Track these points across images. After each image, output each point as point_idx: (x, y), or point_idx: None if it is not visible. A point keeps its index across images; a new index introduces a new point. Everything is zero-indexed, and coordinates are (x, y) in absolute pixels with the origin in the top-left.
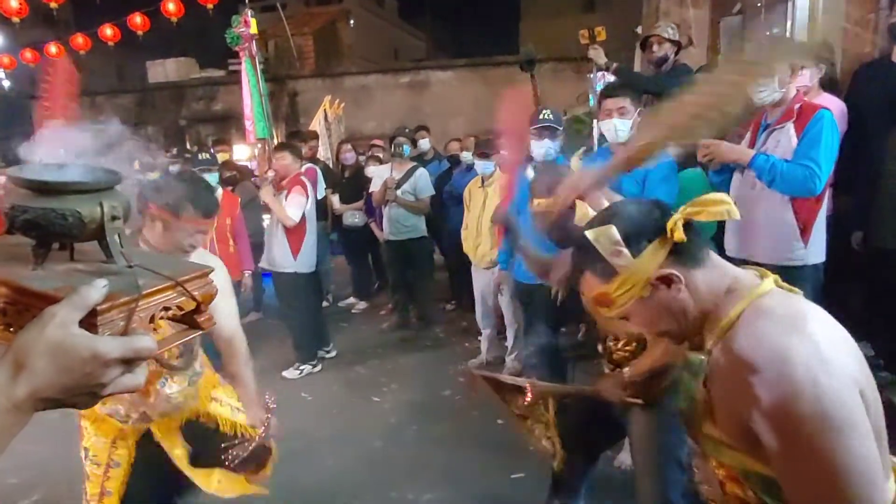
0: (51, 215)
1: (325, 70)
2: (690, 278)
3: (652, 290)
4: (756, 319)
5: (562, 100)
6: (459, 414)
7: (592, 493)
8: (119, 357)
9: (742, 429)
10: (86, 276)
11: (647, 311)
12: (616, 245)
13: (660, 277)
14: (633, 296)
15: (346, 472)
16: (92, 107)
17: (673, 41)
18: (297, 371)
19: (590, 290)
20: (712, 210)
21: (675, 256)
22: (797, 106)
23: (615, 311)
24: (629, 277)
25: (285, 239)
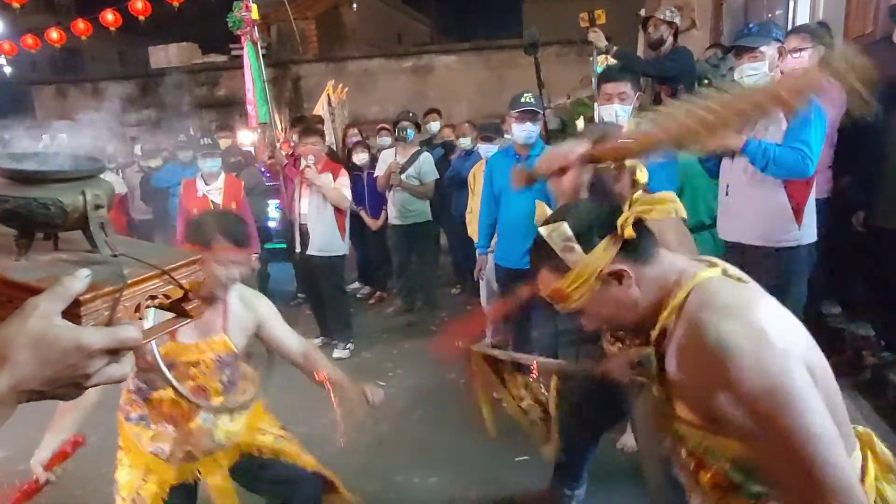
0: (32, 205)
1: (328, 54)
2: (640, 273)
3: (603, 285)
4: (697, 310)
5: (565, 83)
6: (464, 398)
7: (596, 476)
8: (103, 347)
9: (706, 409)
10: (70, 265)
11: (601, 305)
12: (568, 241)
13: (610, 273)
14: (585, 291)
15: (352, 456)
16: (94, 93)
17: (670, 23)
18: (346, 350)
19: (546, 286)
20: (661, 208)
21: (625, 253)
22: None
23: (571, 305)
24: (581, 273)
25: (335, 222)
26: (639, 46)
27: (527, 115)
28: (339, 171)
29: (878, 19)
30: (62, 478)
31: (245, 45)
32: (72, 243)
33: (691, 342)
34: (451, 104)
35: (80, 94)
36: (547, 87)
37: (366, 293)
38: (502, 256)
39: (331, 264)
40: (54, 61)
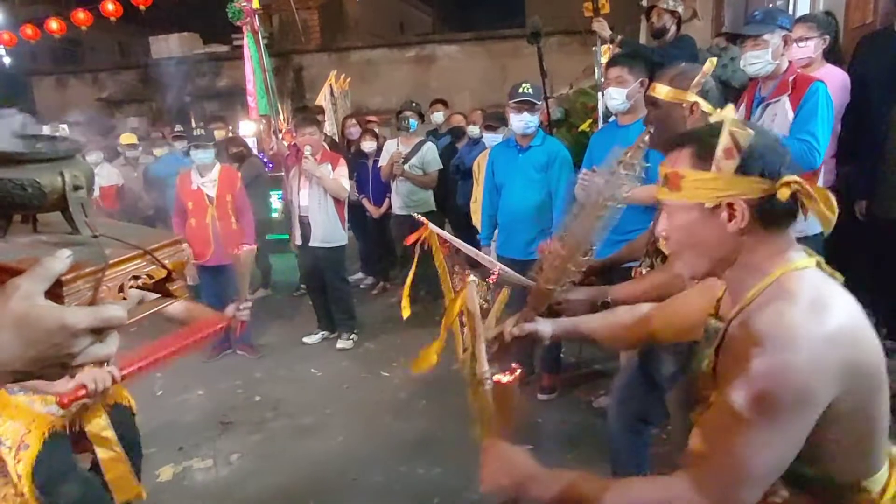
0: (8, 186)
1: (330, 44)
2: (756, 231)
3: (716, 209)
4: (776, 297)
5: (568, 73)
6: (467, 389)
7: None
8: (88, 327)
9: None
10: (50, 247)
11: (695, 223)
12: (738, 148)
13: (733, 204)
14: (700, 197)
15: (356, 447)
16: (94, 83)
17: (672, 12)
18: (349, 341)
19: (673, 164)
20: (817, 208)
21: (761, 203)
22: (791, 78)
23: (674, 197)
24: (717, 179)
25: (335, 213)
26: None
27: (524, 106)
28: (338, 162)
29: (878, 9)
30: None
31: (245, 35)
32: (50, 226)
33: (754, 324)
34: (454, 94)
35: (79, 85)
36: (550, 77)
37: (369, 284)
38: (503, 247)
39: (333, 255)
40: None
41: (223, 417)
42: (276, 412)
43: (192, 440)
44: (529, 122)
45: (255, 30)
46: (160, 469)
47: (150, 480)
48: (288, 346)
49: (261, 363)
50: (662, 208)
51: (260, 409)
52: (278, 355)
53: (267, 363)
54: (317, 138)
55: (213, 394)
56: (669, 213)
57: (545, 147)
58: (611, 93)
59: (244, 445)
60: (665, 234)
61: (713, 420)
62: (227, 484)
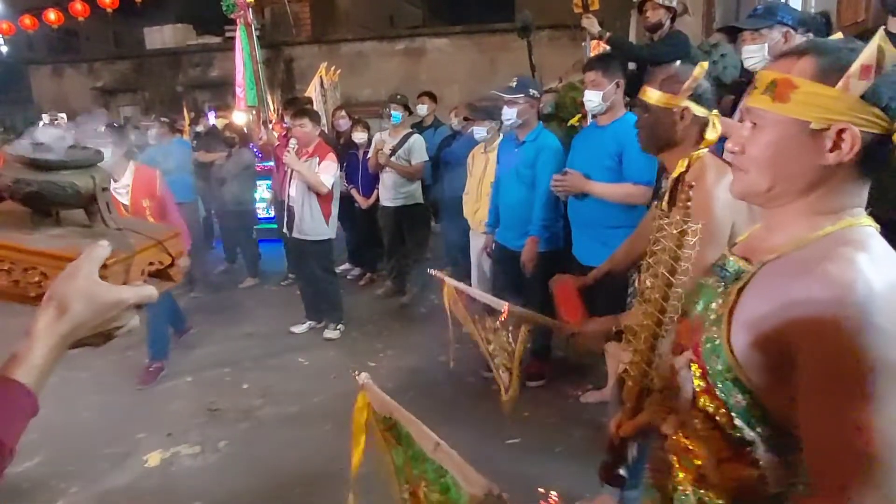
0: (54, 188)
1: (321, 36)
2: (846, 172)
3: (821, 132)
4: (838, 244)
5: (558, 67)
6: (455, 380)
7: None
8: (134, 303)
9: (772, 346)
10: (80, 237)
11: (789, 142)
12: (868, 71)
13: (844, 131)
14: (809, 114)
15: (343, 437)
16: (90, 73)
17: (667, 7)
18: (336, 331)
19: (788, 69)
20: None
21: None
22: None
23: (776, 108)
24: (836, 100)
25: (318, 207)
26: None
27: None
28: (326, 156)
29: (870, 8)
30: (54, 455)
31: (238, 28)
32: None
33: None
34: (443, 87)
35: (75, 74)
36: (539, 71)
37: (356, 275)
38: (500, 235)
39: (318, 248)
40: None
41: (211, 404)
42: (263, 400)
43: (180, 426)
44: (509, 115)
45: (248, 23)
46: (148, 455)
47: (138, 466)
48: (275, 335)
49: (249, 351)
50: (747, 116)
51: (248, 397)
52: (266, 344)
53: (255, 351)
54: (307, 130)
55: (201, 381)
56: (760, 124)
57: (536, 143)
58: (587, 95)
59: (232, 432)
60: (739, 147)
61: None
62: (215, 470)
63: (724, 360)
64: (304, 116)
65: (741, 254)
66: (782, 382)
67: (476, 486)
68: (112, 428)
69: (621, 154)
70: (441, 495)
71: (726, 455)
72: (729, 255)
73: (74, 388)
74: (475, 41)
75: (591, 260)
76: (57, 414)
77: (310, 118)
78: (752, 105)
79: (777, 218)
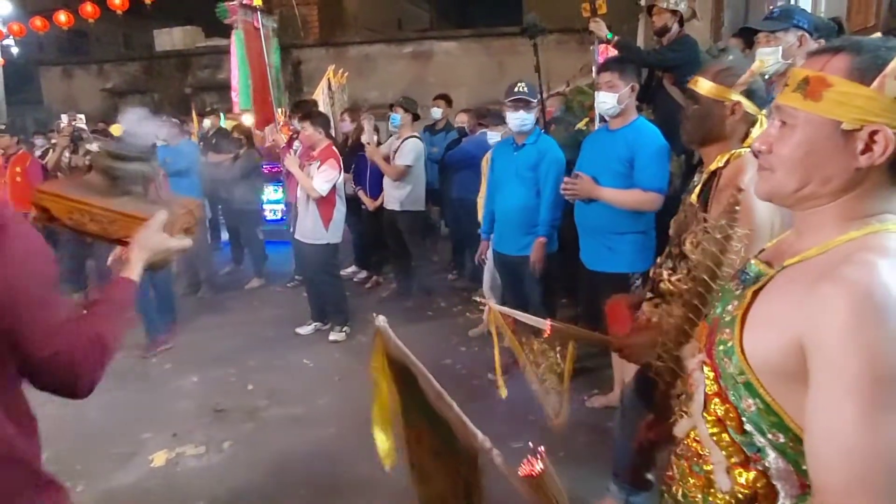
0: (137, 172)
1: (328, 39)
2: (877, 176)
3: (853, 133)
4: (860, 249)
5: (565, 71)
6: (460, 384)
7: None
8: (181, 249)
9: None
10: (143, 204)
11: (819, 142)
12: None
13: (877, 133)
14: (842, 114)
15: (347, 440)
16: (99, 74)
17: (673, 11)
18: (341, 333)
19: (822, 67)
20: None
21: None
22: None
23: (807, 107)
24: (871, 100)
25: (317, 211)
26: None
27: (520, 104)
28: (327, 160)
29: (880, 13)
30: (60, 453)
31: (234, 33)
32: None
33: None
34: (451, 90)
35: (85, 76)
36: (547, 75)
37: (362, 277)
38: (499, 243)
39: (319, 252)
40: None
41: (216, 405)
42: (268, 401)
43: (185, 426)
44: (525, 120)
45: (255, 27)
46: (154, 454)
47: (143, 465)
48: (281, 336)
49: (254, 352)
50: (776, 114)
51: (253, 398)
52: (271, 345)
53: (260, 352)
54: (308, 133)
55: (206, 381)
56: (790, 123)
57: (537, 145)
58: (601, 97)
59: (237, 433)
60: (766, 147)
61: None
62: (220, 471)
63: (736, 363)
64: (306, 119)
65: (765, 258)
66: (796, 387)
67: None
68: (118, 427)
69: (632, 159)
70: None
71: (736, 461)
72: (752, 259)
73: None
74: (483, 44)
75: (597, 265)
76: (64, 413)
77: (312, 121)
78: (783, 103)
79: (805, 222)
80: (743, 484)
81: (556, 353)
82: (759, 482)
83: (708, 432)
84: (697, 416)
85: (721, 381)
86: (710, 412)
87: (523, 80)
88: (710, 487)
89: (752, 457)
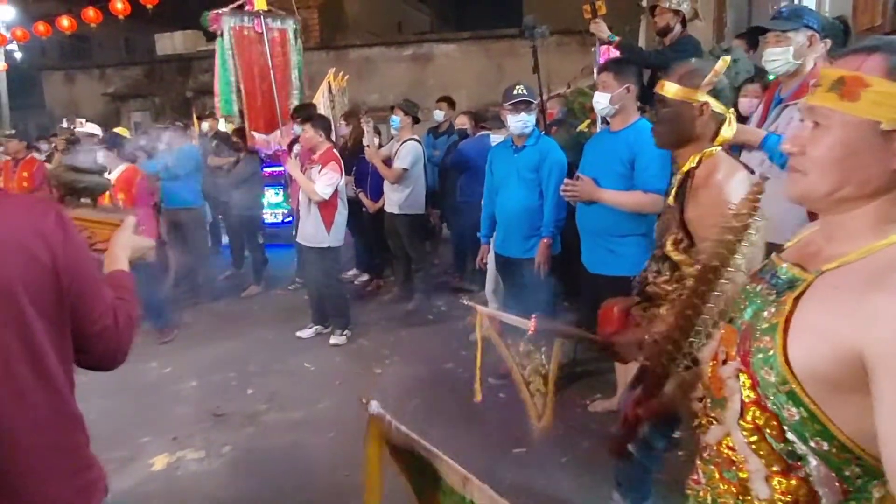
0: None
1: (329, 42)
2: None
3: (892, 135)
4: None
5: (566, 72)
6: (461, 388)
7: (569, 438)
8: (149, 248)
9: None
10: (115, 213)
11: (856, 143)
12: None
13: None
14: (880, 114)
15: (347, 443)
16: (101, 79)
17: (675, 11)
18: (342, 337)
19: (857, 67)
20: None
21: None
22: (813, 82)
23: (843, 107)
24: None
25: (318, 215)
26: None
27: (521, 106)
28: (328, 163)
29: (886, 12)
30: None
31: (217, 41)
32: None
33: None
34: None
35: (87, 80)
36: (547, 77)
37: (363, 280)
38: (501, 245)
39: (319, 255)
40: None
41: (216, 409)
42: (268, 405)
43: (185, 431)
44: (527, 122)
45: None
46: (154, 458)
47: (143, 470)
48: (281, 340)
49: (254, 356)
50: (808, 115)
51: (253, 402)
52: (272, 348)
53: (260, 356)
54: (308, 136)
55: (206, 385)
56: (824, 124)
57: (538, 147)
58: (596, 97)
59: (237, 438)
60: (798, 148)
61: None
62: (220, 475)
63: (777, 372)
64: (307, 122)
65: (794, 261)
66: (844, 397)
67: None
68: (118, 431)
69: (633, 160)
70: None
71: (776, 469)
72: (780, 261)
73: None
74: (483, 47)
75: (598, 268)
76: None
77: (313, 124)
78: (816, 103)
79: (838, 225)
80: (783, 492)
81: (541, 355)
82: (801, 490)
83: (745, 441)
84: (732, 424)
85: (759, 390)
86: (747, 420)
87: (521, 82)
88: (746, 495)
89: (792, 465)
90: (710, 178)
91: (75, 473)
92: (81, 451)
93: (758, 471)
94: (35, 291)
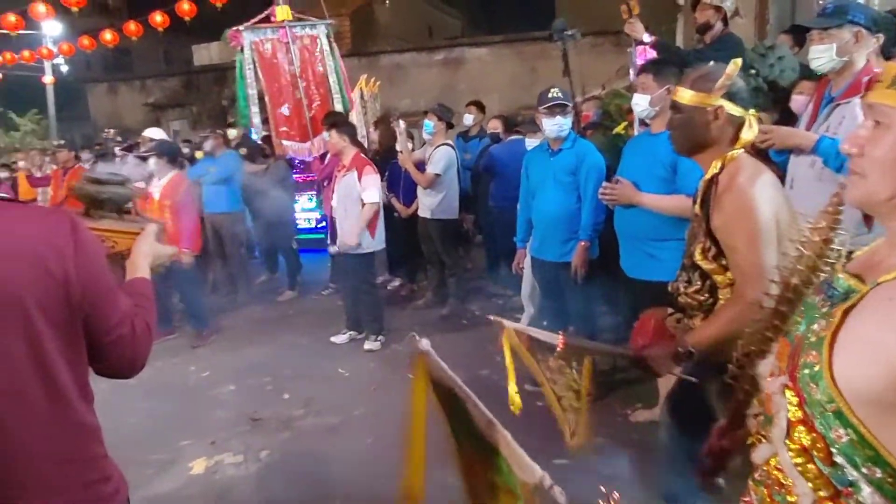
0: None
1: (360, 49)
2: None
3: None
4: None
5: (601, 74)
6: (497, 395)
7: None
8: (170, 255)
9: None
10: (137, 223)
11: None
12: None
13: None
14: None
15: (384, 450)
16: (142, 90)
17: (716, 7)
18: (377, 342)
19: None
20: None
21: None
22: (866, 79)
23: None
24: None
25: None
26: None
27: (556, 109)
28: (364, 169)
29: None
30: None
31: (236, 56)
32: None
33: None
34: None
35: (129, 91)
36: (581, 78)
37: (396, 285)
38: (538, 249)
39: (359, 261)
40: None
41: (253, 414)
42: (304, 410)
43: (223, 434)
44: (563, 125)
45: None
46: (193, 462)
47: (183, 473)
48: (316, 345)
49: (289, 361)
50: (868, 113)
51: (289, 407)
52: (307, 353)
53: (295, 361)
54: (334, 142)
55: (243, 389)
56: (885, 122)
57: (575, 150)
58: (635, 99)
59: (273, 442)
60: (857, 149)
61: None
62: (257, 480)
63: (824, 390)
64: (332, 128)
65: (854, 271)
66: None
67: (529, 474)
68: (157, 435)
69: (675, 163)
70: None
71: (825, 494)
72: (839, 271)
73: (121, 396)
74: (515, 50)
75: (637, 273)
76: (104, 420)
77: (337, 129)
78: (877, 101)
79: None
80: None
81: (572, 370)
82: None
83: (791, 462)
84: (779, 443)
85: (806, 408)
86: (793, 440)
87: (556, 86)
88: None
89: (842, 491)
90: (733, 182)
91: (87, 485)
92: (96, 462)
93: (805, 495)
94: (46, 302)
